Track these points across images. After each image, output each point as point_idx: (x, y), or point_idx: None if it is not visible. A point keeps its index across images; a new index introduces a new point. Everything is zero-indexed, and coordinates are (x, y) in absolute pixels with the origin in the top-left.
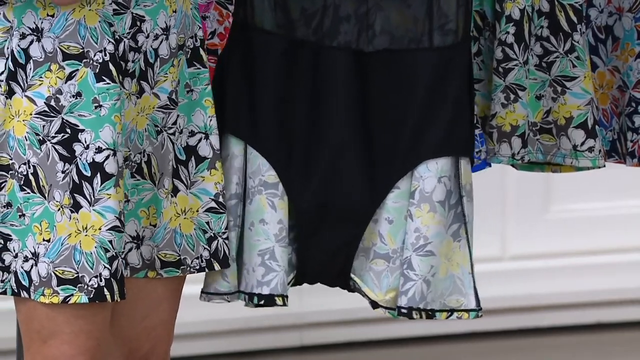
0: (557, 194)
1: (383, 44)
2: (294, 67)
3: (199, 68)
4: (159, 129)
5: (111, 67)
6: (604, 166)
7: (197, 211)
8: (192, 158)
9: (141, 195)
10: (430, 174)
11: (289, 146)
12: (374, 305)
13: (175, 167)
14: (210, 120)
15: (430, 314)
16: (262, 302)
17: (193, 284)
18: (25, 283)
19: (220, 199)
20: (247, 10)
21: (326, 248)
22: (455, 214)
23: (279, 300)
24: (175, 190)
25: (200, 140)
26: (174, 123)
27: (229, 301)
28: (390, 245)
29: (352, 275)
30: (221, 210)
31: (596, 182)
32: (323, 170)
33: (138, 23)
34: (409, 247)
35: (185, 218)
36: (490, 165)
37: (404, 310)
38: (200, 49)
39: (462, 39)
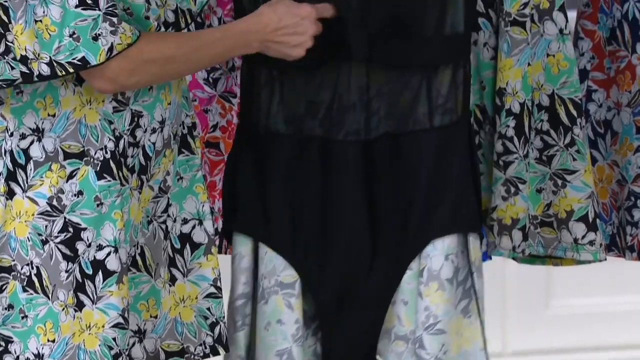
0: (557, 289)
1: (386, 128)
2: (303, 163)
3: (187, 155)
4: (149, 218)
5: (112, 164)
6: (605, 260)
7: (196, 298)
8: (187, 245)
9: (139, 288)
10: (437, 252)
11: (304, 241)
12: None
13: (172, 256)
14: (203, 206)
15: None
16: None
17: None
18: None
19: (219, 284)
20: (254, 113)
21: (349, 335)
22: (464, 290)
23: None
24: (172, 279)
25: (194, 227)
26: (164, 211)
27: None
28: (407, 327)
29: (378, 357)
30: (220, 295)
31: (597, 277)
32: (338, 260)
33: (136, 119)
34: (419, 325)
35: (184, 306)
36: (490, 258)
37: None
38: (188, 136)
39: (461, 117)
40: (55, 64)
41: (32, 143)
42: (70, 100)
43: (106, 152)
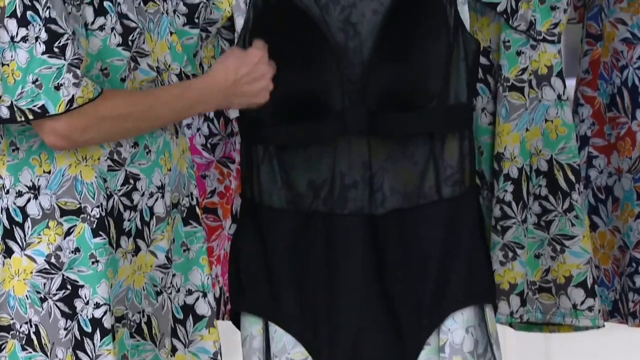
0: (558, 356)
1: (394, 204)
2: (307, 239)
3: (195, 227)
4: (158, 289)
5: (107, 222)
6: (604, 326)
7: None
8: (190, 317)
9: (142, 356)
10: (458, 326)
11: (312, 317)
12: None
13: (173, 326)
14: (208, 278)
15: None
16: None
17: None
18: None
19: (219, 358)
20: (255, 190)
21: None
22: None
23: None
24: (173, 350)
25: (197, 299)
26: (172, 282)
27: None
28: None
29: None
30: None
31: (598, 344)
32: (349, 337)
33: (132, 181)
34: None
35: None
36: None
37: None
38: (197, 207)
39: (469, 188)
40: (15, 109)
41: (28, 201)
42: (66, 157)
43: (102, 210)
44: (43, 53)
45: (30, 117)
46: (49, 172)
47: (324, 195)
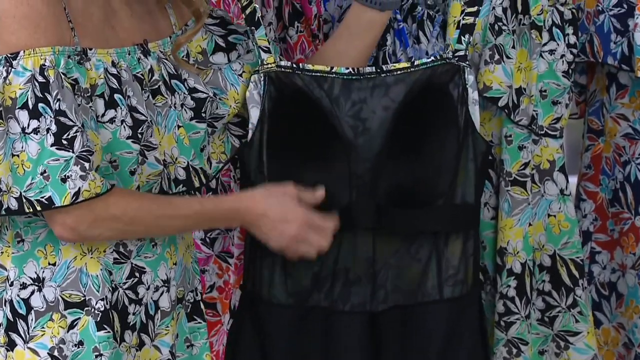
0: None
1: (394, 301)
2: (306, 333)
3: (199, 322)
4: None
5: (111, 315)
6: None
7: None
8: None
9: None
10: None
11: None
12: None
13: None
14: None
15: None
16: None
17: None
18: None
19: None
20: (256, 282)
21: None
22: None
23: None
24: None
25: None
26: None
27: None
28: None
29: None
30: None
31: None
32: None
33: (137, 274)
34: None
35: None
36: None
37: None
38: (201, 303)
39: (471, 288)
40: (24, 200)
41: (32, 293)
42: (71, 249)
43: (107, 303)
44: (52, 145)
45: (38, 208)
46: (54, 264)
47: (326, 290)
